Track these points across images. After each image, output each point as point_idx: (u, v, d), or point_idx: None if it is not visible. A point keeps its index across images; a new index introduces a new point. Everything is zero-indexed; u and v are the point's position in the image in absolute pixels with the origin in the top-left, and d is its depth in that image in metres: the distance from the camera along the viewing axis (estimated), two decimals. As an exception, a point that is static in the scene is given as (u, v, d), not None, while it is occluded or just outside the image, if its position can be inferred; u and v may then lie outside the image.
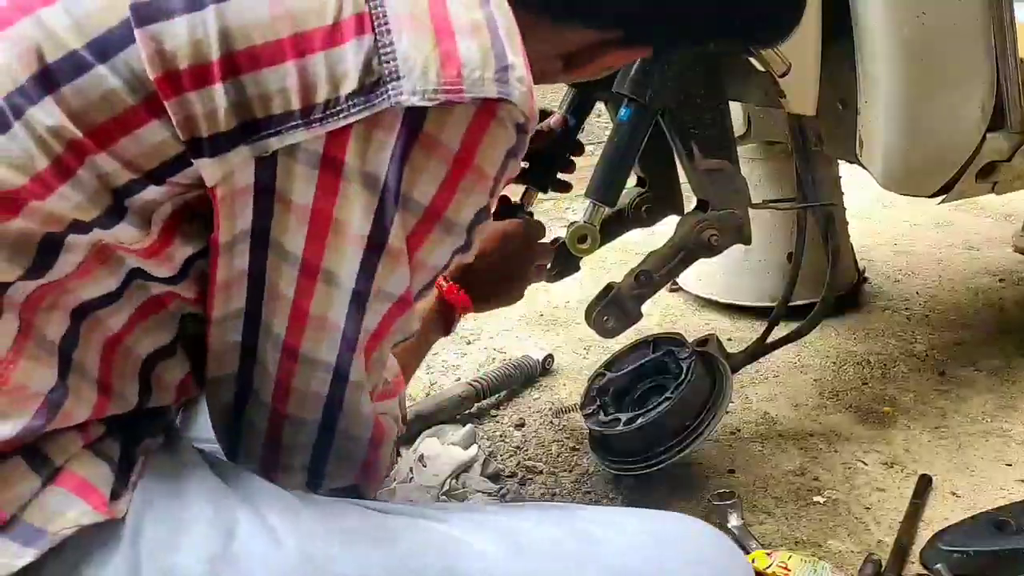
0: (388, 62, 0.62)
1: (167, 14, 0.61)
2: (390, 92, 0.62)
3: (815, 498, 1.38)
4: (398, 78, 0.62)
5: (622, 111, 1.24)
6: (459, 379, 1.76)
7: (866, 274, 2.15)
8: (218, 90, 0.62)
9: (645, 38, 0.82)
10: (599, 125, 2.92)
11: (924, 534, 1.27)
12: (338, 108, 0.62)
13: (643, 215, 1.43)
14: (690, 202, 1.43)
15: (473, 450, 1.44)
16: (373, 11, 0.63)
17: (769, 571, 1.15)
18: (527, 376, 1.76)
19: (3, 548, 0.64)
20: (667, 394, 1.38)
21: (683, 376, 1.39)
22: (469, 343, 1.93)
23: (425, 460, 1.39)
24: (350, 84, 0.62)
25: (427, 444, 1.45)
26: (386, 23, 0.62)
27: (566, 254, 1.33)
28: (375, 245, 0.68)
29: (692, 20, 0.82)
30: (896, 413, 1.61)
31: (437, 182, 0.67)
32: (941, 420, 1.58)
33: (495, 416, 1.66)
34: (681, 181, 1.43)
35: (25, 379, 0.66)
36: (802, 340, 1.81)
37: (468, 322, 2.00)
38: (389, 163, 0.65)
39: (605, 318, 1.35)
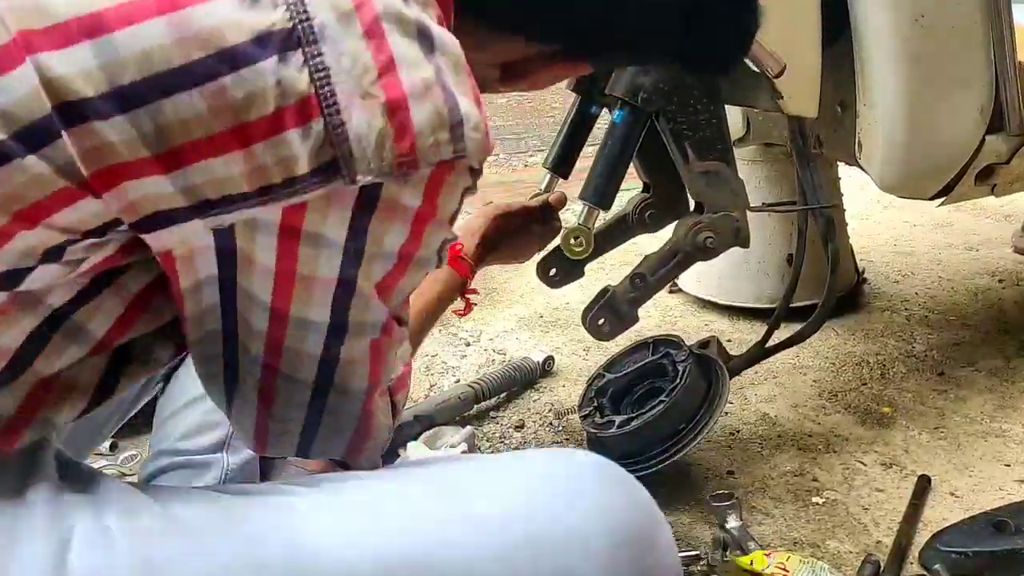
0: (341, 144, 0.61)
1: (96, 116, 0.59)
2: (344, 173, 0.61)
3: (814, 499, 1.39)
4: (352, 158, 0.61)
5: (616, 113, 1.24)
6: (459, 381, 1.77)
7: (865, 275, 2.15)
8: (160, 181, 0.61)
9: (582, 54, 0.81)
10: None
11: (923, 535, 1.28)
12: (294, 188, 0.62)
13: (647, 220, 1.44)
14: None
15: (463, 447, 1.44)
16: (320, 91, 0.60)
17: (768, 572, 1.16)
18: (527, 378, 1.76)
19: None
20: (662, 397, 1.38)
21: (678, 379, 1.39)
22: (468, 344, 1.94)
23: (415, 465, 1.40)
24: (303, 167, 0.61)
25: (413, 452, 1.45)
26: (335, 104, 0.61)
27: (568, 260, 1.34)
28: (345, 290, 0.68)
29: (629, 40, 0.82)
30: (895, 414, 1.61)
31: (403, 236, 0.67)
32: (940, 420, 1.58)
33: (495, 418, 1.66)
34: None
35: None
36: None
37: (468, 323, 2.01)
38: (348, 231, 0.65)
39: (600, 321, 1.36)
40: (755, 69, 1.27)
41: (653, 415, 1.36)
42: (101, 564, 0.65)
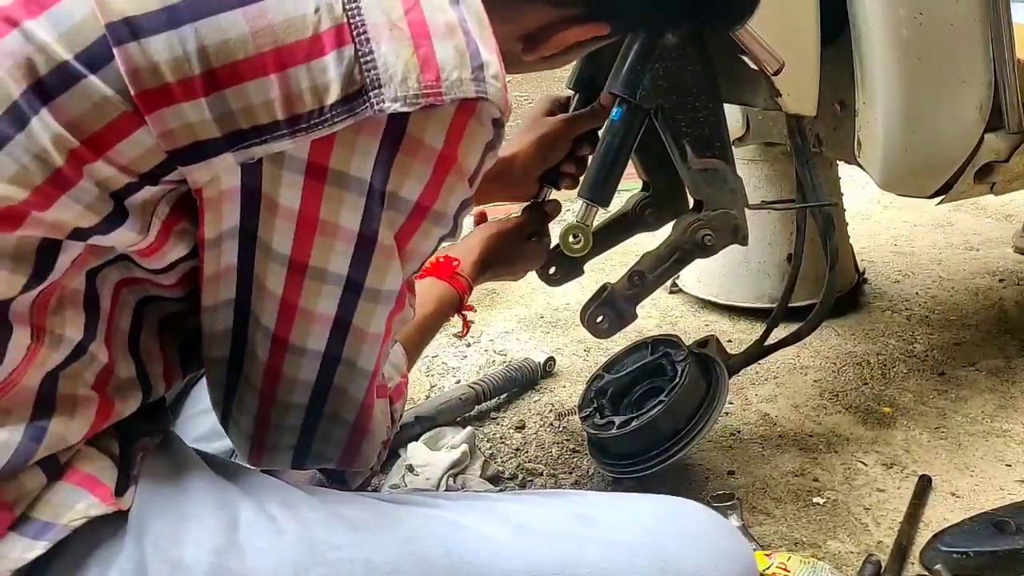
0: (369, 71, 0.63)
1: (143, 33, 0.62)
2: (372, 100, 0.63)
3: (815, 499, 1.38)
4: (379, 86, 0.63)
5: (614, 111, 1.24)
6: (459, 381, 1.77)
7: (866, 275, 2.15)
8: (199, 105, 0.63)
9: (603, 14, 0.82)
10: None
11: (924, 535, 1.28)
12: (322, 118, 0.63)
13: (648, 219, 1.43)
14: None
15: (463, 448, 1.44)
16: (351, 20, 0.63)
17: (769, 572, 1.16)
18: (528, 379, 1.76)
19: (14, 543, 0.65)
20: (661, 396, 1.38)
21: (677, 378, 1.39)
22: (469, 345, 1.93)
23: (415, 469, 1.39)
24: (333, 94, 0.63)
25: (414, 453, 1.45)
26: (365, 32, 0.63)
27: (568, 259, 1.33)
28: (365, 241, 0.69)
29: (648, 8, 0.84)
30: (896, 414, 1.61)
31: (423, 180, 0.69)
32: (941, 420, 1.58)
33: (495, 418, 1.66)
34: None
35: (28, 380, 0.67)
36: (802, 341, 1.81)
37: (468, 324, 2.01)
38: (374, 167, 0.66)
39: (599, 319, 1.35)
40: (754, 67, 1.27)
41: (653, 415, 1.36)
42: (269, 545, 0.69)
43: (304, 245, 0.69)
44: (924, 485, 1.39)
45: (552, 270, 1.39)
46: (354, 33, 0.63)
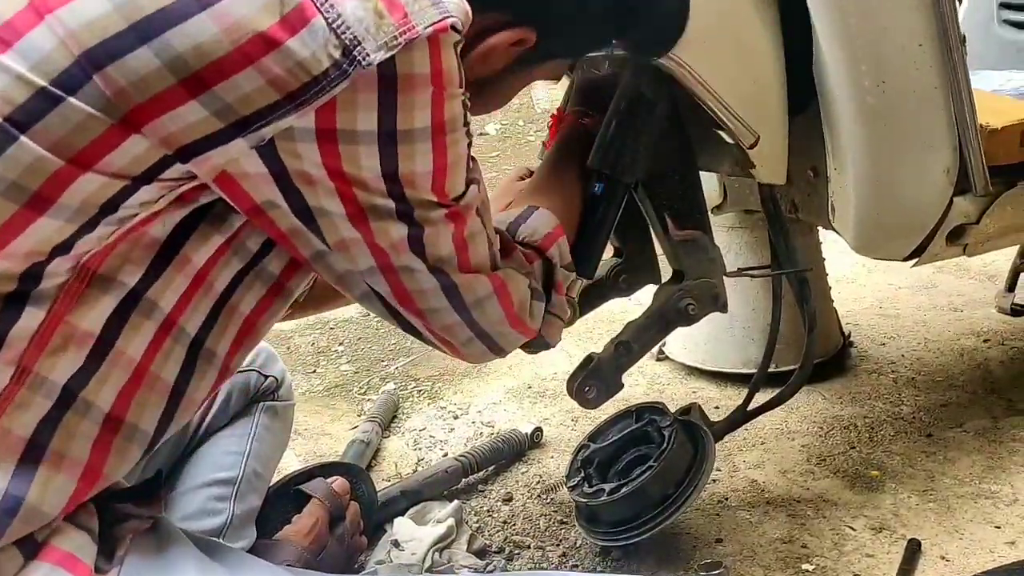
0: (343, 32, 0.67)
1: (119, 53, 0.65)
2: (358, 57, 0.67)
3: (804, 566, 1.37)
4: (359, 42, 0.67)
5: (595, 186, 1.27)
6: (447, 454, 1.76)
7: (851, 338, 2.16)
8: (193, 107, 0.66)
9: (525, 17, 0.86)
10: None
11: (914, 600, 1.26)
12: (318, 87, 0.67)
13: (622, 285, 1.45)
14: (666, 271, 1.44)
15: (450, 522, 1.43)
16: None
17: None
18: (515, 450, 1.75)
19: None
20: (650, 463, 1.37)
21: (664, 444, 1.38)
22: (456, 417, 1.93)
23: (401, 544, 1.38)
24: (321, 64, 0.67)
25: (400, 528, 1.43)
26: (326, 0, 0.67)
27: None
28: (392, 182, 0.74)
29: (572, 10, 0.88)
30: (884, 477, 1.60)
31: (427, 107, 0.73)
32: (929, 483, 1.57)
33: (483, 491, 1.65)
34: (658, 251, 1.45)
35: (11, 424, 0.67)
36: (788, 406, 1.82)
37: (456, 396, 2.01)
38: (378, 117, 0.70)
39: (587, 389, 1.36)
40: (730, 140, 1.31)
41: (642, 481, 1.35)
42: None
43: (348, 198, 0.73)
44: (913, 549, 1.38)
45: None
46: (317, 4, 0.67)
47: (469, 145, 0.80)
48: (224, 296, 0.77)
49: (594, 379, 1.35)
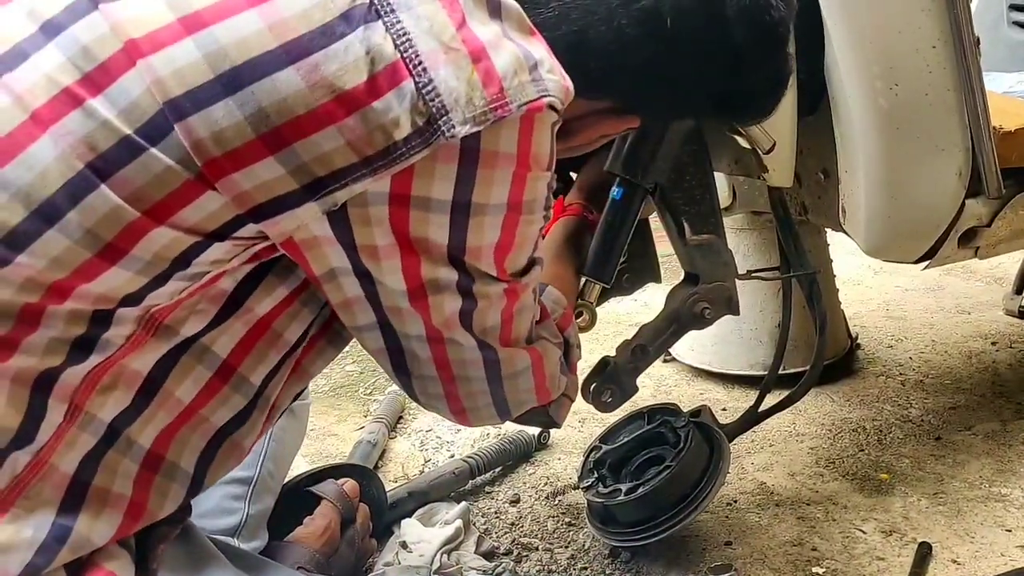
0: (433, 100, 0.65)
1: (203, 104, 0.63)
2: (443, 128, 0.65)
3: (814, 569, 1.37)
4: (447, 112, 0.65)
5: (615, 190, 1.28)
6: (453, 455, 1.75)
7: (859, 340, 2.15)
8: (269, 163, 0.64)
9: (635, 109, 0.85)
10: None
11: (925, 604, 1.26)
12: (398, 152, 0.65)
13: (624, 284, 1.45)
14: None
15: (458, 523, 1.43)
16: (405, 55, 0.64)
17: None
18: (523, 451, 1.74)
19: None
20: (667, 462, 1.38)
21: (682, 445, 1.39)
22: (464, 419, 1.92)
23: (409, 545, 1.38)
24: (403, 130, 0.65)
25: (408, 529, 1.43)
26: (421, 63, 0.64)
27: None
28: (457, 250, 0.73)
29: (682, 95, 0.86)
30: (893, 480, 1.60)
31: (507, 184, 0.71)
32: (939, 486, 1.57)
33: (490, 493, 1.65)
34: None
35: (59, 461, 0.67)
36: (797, 408, 1.81)
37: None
38: (455, 187, 0.69)
39: (603, 393, 1.36)
40: (746, 145, 1.31)
41: (660, 481, 1.36)
42: None
43: (412, 272, 0.72)
44: (924, 553, 1.37)
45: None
46: (410, 66, 0.64)
47: (542, 228, 0.79)
48: (294, 347, 0.77)
49: (611, 383, 1.35)
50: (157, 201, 0.64)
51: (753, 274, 1.52)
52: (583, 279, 1.28)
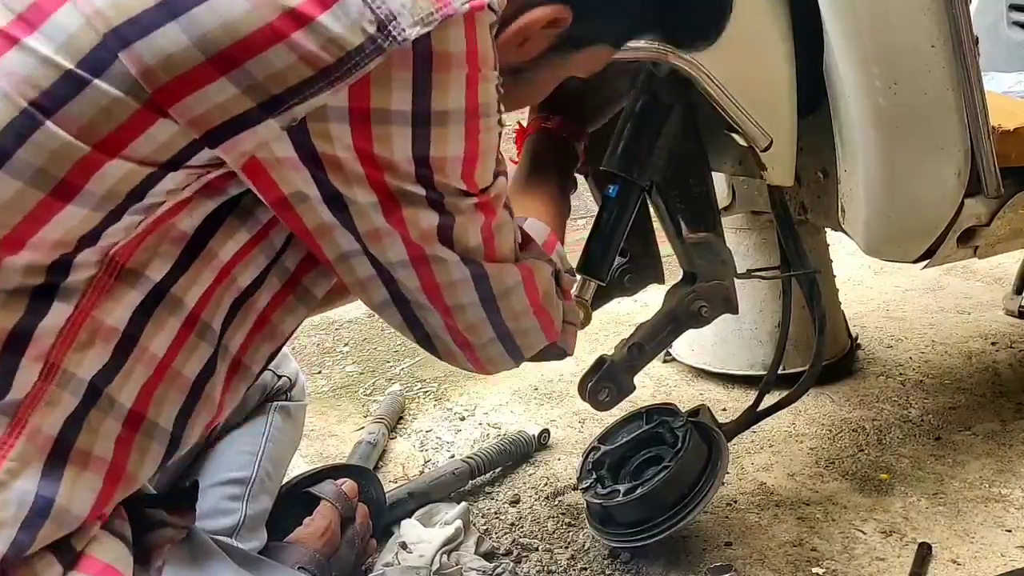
0: (380, 7, 0.66)
1: (147, 30, 0.64)
2: (393, 33, 0.66)
3: (814, 569, 1.37)
4: (395, 17, 0.66)
5: (611, 188, 1.27)
6: (453, 456, 1.75)
7: (859, 340, 2.15)
8: (223, 85, 0.65)
9: (581, 29, 0.86)
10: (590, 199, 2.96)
11: (925, 604, 1.26)
12: (352, 62, 0.66)
13: (627, 284, 1.45)
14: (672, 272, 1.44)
15: (457, 524, 1.43)
16: None
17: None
18: (523, 452, 1.74)
19: None
20: (666, 462, 1.37)
21: (680, 445, 1.38)
22: (463, 419, 1.92)
23: (409, 546, 1.38)
24: (355, 39, 0.66)
25: (408, 530, 1.43)
26: None
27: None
28: (423, 167, 0.73)
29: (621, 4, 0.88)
30: (893, 480, 1.59)
31: (462, 88, 0.71)
32: (939, 486, 1.57)
33: (490, 493, 1.65)
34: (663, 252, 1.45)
35: (41, 422, 0.67)
36: (796, 408, 1.82)
37: (462, 398, 2.00)
38: (413, 95, 0.69)
39: (600, 392, 1.36)
40: (743, 143, 1.31)
41: (660, 481, 1.35)
42: None
43: (379, 185, 0.72)
44: (924, 553, 1.37)
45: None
46: None
47: (499, 135, 0.79)
48: (247, 292, 0.77)
49: (607, 381, 1.35)
50: (107, 134, 0.65)
51: (752, 273, 1.52)
52: (579, 277, 1.28)
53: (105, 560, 0.69)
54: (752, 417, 1.55)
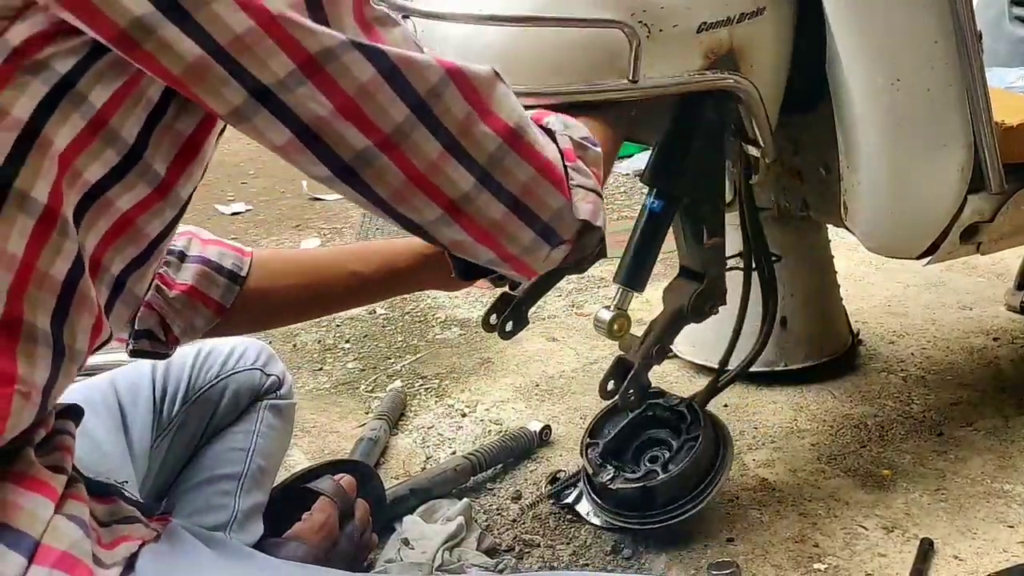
0: None
1: None
2: None
3: (816, 565, 1.37)
4: None
5: (653, 202, 1.29)
6: (455, 452, 1.76)
7: (860, 336, 2.15)
8: None
9: None
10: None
11: (927, 600, 1.26)
12: None
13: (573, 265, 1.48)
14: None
15: (459, 520, 1.43)
16: None
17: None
18: (524, 448, 1.74)
19: None
20: (686, 437, 1.43)
21: (690, 417, 1.45)
22: (464, 415, 1.92)
23: (411, 542, 1.38)
24: None
25: (409, 526, 1.43)
26: None
27: (515, 307, 1.40)
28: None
29: None
30: (895, 476, 1.59)
31: None
32: (941, 482, 1.57)
33: (492, 489, 1.65)
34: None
35: None
36: (798, 404, 1.82)
37: (463, 394, 2.00)
38: None
39: (630, 393, 1.38)
40: (755, 155, 1.33)
41: (698, 449, 1.40)
42: None
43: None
44: (926, 549, 1.37)
45: (508, 326, 1.43)
46: None
47: None
48: (98, 188, 0.69)
49: (635, 383, 1.37)
50: None
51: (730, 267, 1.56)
52: (618, 288, 1.30)
53: (61, 548, 0.65)
54: (715, 390, 1.63)
